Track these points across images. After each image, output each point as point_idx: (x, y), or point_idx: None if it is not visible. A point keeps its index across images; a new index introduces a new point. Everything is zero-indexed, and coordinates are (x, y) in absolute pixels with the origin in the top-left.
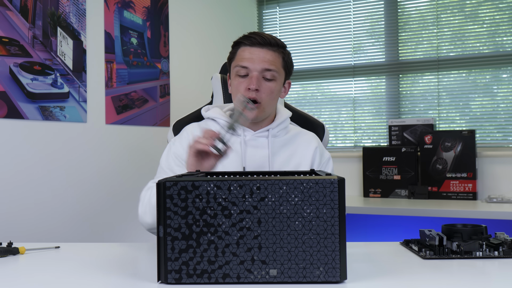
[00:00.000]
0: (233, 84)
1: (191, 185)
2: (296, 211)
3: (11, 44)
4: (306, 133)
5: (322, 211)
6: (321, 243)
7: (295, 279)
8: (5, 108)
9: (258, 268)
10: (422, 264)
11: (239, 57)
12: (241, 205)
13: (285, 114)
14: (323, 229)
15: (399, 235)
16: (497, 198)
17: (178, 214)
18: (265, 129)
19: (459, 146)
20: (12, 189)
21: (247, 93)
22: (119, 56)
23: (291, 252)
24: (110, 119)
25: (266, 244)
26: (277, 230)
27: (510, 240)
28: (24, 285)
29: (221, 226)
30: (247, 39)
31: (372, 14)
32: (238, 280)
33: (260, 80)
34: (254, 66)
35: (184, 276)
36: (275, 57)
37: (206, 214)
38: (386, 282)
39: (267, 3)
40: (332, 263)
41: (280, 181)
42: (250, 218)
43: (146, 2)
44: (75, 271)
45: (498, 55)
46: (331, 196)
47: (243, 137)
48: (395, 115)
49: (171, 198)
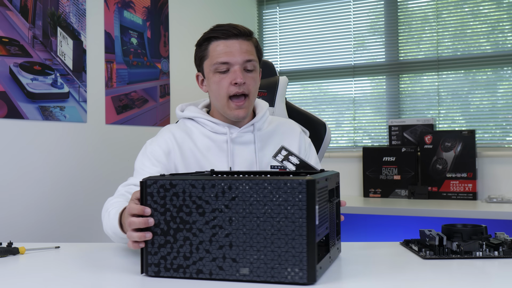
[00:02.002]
0: (213, 81)
1: (169, 183)
2: (265, 211)
3: (11, 44)
4: (287, 121)
5: (290, 211)
6: (289, 244)
7: (264, 278)
8: (5, 108)
9: (229, 266)
10: (422, 264)
11: (214, 54)
12: (214, 204)
13: (264, 105)
14: (291, 230)
15: (399, 235)
16: (497, 198)
17: (158, 211)
18: (250, 124)
19: (459, 146)
20: (12, 189)
21: (233, 88)
22: (119, 56)
23: (260, 252)
24: (110, 119)
25: (236, 242)
26: (247, 229)
27: (510, 240)
28: (24, 285)
29: (196, 224)
30: (220, 32)
31: (372, 14)
32: (210, 276)
33: (243, 72)
34: (236, 59)
35: (162, 270)
36: (251, 46)
37: (182, 211)
38: (386, 282)
39: (267, 3)
40: (299, 265)
41: (250, 181)
42: (222, 217)
43: (146, 2)
44: (75, 271)
45: (498, 55)
46: (299, 197)
47: (229, 134)
48: (395, 115)
49: (151, 195)
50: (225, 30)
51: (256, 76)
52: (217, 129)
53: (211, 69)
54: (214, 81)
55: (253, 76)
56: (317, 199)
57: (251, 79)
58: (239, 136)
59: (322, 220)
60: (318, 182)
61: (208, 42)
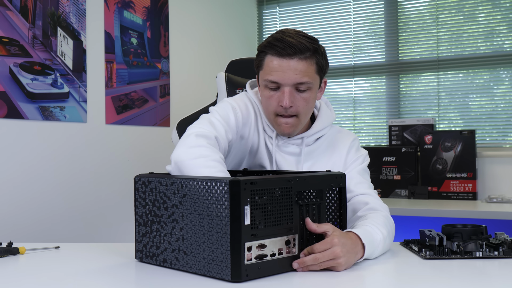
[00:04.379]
0: (263, 96)
1: (146, 180)
2: (204, 209)
3: (11, 44)
4: (341, 132)
5: (219, 210)
6: (218, 241)
7: (202, 272)
8: (5, 108)
9: (182, 258)
10: (422, 264)
11: (267, 68)
12: (173, 199)
13: (326, 121)
14: (219, 228)
15: (399, 235)
16: (497, 198)
17: (141, 204)
18: (299, 137)
19: (459, 146)
20: (12, 189)
21: (280, 109)
22: (119, 56)
23: (201, 246)
24: (110, 119)
25: (187, 236)
26: (193, 225)
27: (510, 240)
28: (24, 285)
29: (162, 217)
30: (273, 48)
31: (372, 14)
32: (171, 265)
33: (293, 93)
34: (285, 81)
35: (144, 256)
36: (308, 65)
37: (155, 206)
38: (386, 282)
39: (267, 3)
40: (225, 262)
41: (193, 180)
42: (178, 212)
43: (146, 2)
44: (75, 271)
45: (497, 55)
46: (225, 196)
47: (276, 141)
48: (395, 115)
49: (137, 190)
50: (279, 47)
51: (308, 96)
52: (267, 129)
53: (263, 83)
54: (264, 95)
55: (304, 97)
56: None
57: (301, 101)
58: (284, 146)
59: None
60: (255, 183)
61: (264, 54)
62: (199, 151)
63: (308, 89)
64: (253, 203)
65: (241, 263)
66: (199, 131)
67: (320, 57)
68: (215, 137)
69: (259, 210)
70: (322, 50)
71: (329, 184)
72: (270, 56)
